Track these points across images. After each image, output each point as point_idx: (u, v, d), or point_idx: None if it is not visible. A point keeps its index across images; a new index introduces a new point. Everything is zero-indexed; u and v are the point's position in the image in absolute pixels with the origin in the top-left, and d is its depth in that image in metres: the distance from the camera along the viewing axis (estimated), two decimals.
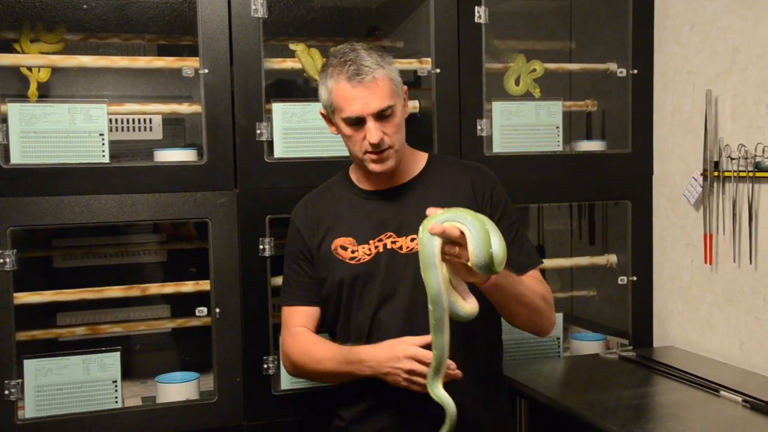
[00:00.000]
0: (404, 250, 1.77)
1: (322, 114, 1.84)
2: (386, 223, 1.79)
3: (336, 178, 1.94)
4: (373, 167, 1.75)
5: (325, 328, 1.90)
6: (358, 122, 1.71)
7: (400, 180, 1.84)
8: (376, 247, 1.78)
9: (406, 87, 1.81)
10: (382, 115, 1.70)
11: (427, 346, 1.58)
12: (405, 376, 1.62)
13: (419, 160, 1.89)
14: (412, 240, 1.76)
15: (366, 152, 1.73)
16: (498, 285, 1.60)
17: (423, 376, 1.60)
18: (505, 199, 1.87)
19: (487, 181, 1.86)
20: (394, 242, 1.78)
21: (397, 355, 1.63)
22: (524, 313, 1.75)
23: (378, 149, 1.71)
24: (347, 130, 1.74)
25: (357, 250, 1.79)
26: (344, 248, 1.81)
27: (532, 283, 1.78)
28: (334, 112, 1.75)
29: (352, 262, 1.79)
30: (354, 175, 1.89)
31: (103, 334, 2.37)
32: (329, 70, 1.74)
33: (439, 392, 1.57)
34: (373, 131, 1.69)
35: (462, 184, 1.84)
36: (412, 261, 1.72)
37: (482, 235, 1.45)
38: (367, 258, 1.78)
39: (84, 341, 2.34)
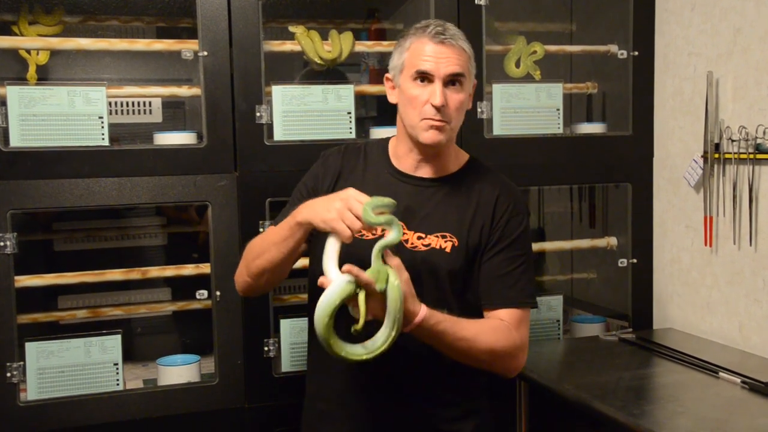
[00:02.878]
0: (408, 245, 1.72)
1: (386, 79, 1.79)
2: (402, 211, 1.73)
3: (375, 143, 1.88)
4: (426, 136, 1.69)
5: (308, 302, 1.85)
6: (425, 79, 1.68)
7: (435, 173, 1.79)
8: (384, 230, 1.75)
9: (476, 82, 1.79)
10: (451, 82, 1.68)
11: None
12: (338, 207, 1.54)
13: (460, 159, 1.83)
14: (419, 238, 1.73)
15: (424, 118, 1.69)
16: (419, 328, 1.57)
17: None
18: (520, 233, 1.76)
19: (512, 208, 1.77)
20: (403, 234, 1.74)
21: (338, 194, 1.58)
22: (458, 358, 1.68)
23: (438, 114, 1.67)
24: (412, 89, 1.69)
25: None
26: None
27: (482, 332, 1.67)
28: (403, 71, 1.71)
29: (356, 235, 1.68)
30: (392, 150, 1.83)
31: (104, 317, 2.38)
32: (411, 32, 1.72)
33: (372, 216, 1.52)
34: (438, 93, 1.66)
35: (488, 199, 1.77)
36: (414, 258, 1.71)
37: (324, 306, 1.49)
38: (372, 237, 1.70)
39: (85, 324, 2.35)
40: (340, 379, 1.78)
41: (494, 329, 1.69)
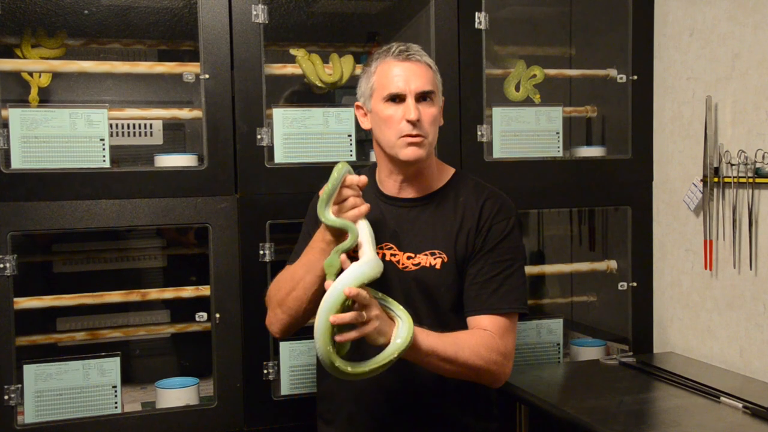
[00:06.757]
0: (400, 266, 1.75)
1: (357, 107, 1.81)
2: (390, 233, 1.77)
3: (367, 170, 1.88)
4: (405, 152, 1.70)
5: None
6: (397, 100, 1.69)
7: (419, 192, 1.80)
8: (376, 254, 1.77)
9: (444, 99, 1.82)
10: (422, 98, 1.70)
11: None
12: None
13: (444, 175, 1.84)
14: (409, 258, 1.75)
15: (401, 136, 1.69)
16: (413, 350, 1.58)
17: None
18: (504, 237, 1.75)
19: (496, 212, 1.76)
20: (393, 255, 1.76)
21: None
22: (443, 372, 1.66)
23: (415, 129, 1.68)
24: (385, 110, 1.70)
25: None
26: None
27: (465, 346, 1.64)
28: (373, 95, 1.73)
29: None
30: (378, 176, 1.85)
31: (102, 339, 2.37)
32: (374, 57, 1.75)
33: (329, 216, 1.63)
34: (412, 108, 1.67)
35: (473, 208, 1.77)
36: (406, 278, 1.73)
37: (321, 329, 1.49)
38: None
39: (84, 346, 2.35)
40: (351, 403, 1.79)
41: (476, 340, 1.66)
